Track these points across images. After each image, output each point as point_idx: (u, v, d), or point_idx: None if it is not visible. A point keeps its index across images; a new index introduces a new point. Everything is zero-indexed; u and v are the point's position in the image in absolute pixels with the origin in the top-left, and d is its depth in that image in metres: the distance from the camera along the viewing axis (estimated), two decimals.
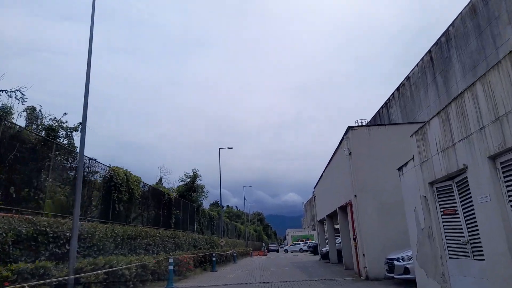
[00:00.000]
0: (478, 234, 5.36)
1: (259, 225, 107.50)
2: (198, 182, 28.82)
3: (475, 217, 5.41)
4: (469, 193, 5.53)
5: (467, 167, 5.42)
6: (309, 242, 58.34)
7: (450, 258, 6.40)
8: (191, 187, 28.11)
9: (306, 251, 51.33)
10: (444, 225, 6.56)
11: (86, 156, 13.58)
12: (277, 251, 64.41)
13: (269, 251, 64.33)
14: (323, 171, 22.09)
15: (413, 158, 7.59)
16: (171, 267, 12.75)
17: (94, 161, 13.21)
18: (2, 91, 11.69)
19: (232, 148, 32.55)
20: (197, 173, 28.56)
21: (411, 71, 22.36)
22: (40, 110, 18.09)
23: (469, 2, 15.81)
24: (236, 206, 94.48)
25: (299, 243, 55.16)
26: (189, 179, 28.36)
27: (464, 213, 5.89)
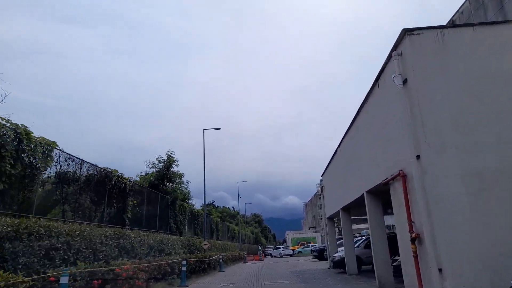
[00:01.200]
0: None
1: (257, 227, 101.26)
2: (175, 169, 22.71)
3: None
4: None
5: None
6: (311, 245, 52.64)
7: None
8: (164, 175, 21.99)
9: (290, 255, 50.53)
10: None
11: None
12: (270, 255, 58.38)
13: (266, 255, 58.67)
14: (337, 148, 16.04)
15: None
16: None
17: None
18: None
19: (219, 129, 26.32)
20: (172, 157, 22.43)
21: (459, 9, 16.34)
22: None
23: None
24: (233, 207, 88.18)
25: (279, 247, 56.19)
26: (162, 164, 22.22)
27: None
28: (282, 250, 53.29)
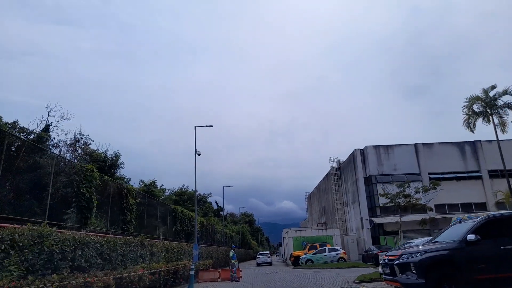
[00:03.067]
0: None
1: (245, 226, 79.57)
2: None
3: None
4: None
5: None
6: (328, 249, 32.15)
7: None
8: None
9: (269, 263, 38.61)
10: None
11: None
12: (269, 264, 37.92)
13: (258, 264, 38.38)
14: None
15: None
16: None
17: None
18: None
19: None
20: None
21: None
22: None
23: None
24: (215, 201, 66.57)
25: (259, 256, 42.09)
26: None
27: None
28: (258, 257, 40.39)
